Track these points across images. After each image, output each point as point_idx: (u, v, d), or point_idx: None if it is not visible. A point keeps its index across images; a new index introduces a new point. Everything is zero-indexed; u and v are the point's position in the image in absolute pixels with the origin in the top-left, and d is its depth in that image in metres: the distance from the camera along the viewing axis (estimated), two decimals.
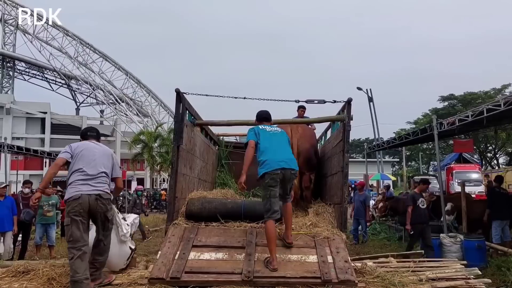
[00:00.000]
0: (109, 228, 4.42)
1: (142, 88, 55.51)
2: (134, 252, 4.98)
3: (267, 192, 4.61)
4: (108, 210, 4.34)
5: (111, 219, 4.41)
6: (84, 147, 4.47)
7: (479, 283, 4.28)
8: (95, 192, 4.22)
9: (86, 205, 4.14)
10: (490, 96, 33.75)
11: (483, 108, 8.02)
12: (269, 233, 4.46)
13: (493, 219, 8.98)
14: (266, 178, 4.61)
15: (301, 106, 8.35)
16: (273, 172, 4.61)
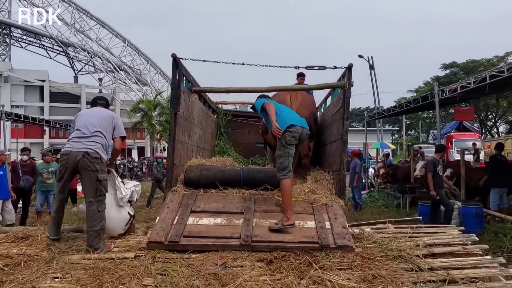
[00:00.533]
0: (101, 192, 4.33)
1: (140, 56, 54.79)
2: (133, 218, 5.00)
3: (286, 150, 4.59)
4: (97, 170, 4.28)
5: (102, 181, 4.33)
6: (86, 111, 4.74)
7: (476, 249, 4.31)
8: (83, 149, 4.27)
9: (72, 162, 4.27)
10: (492, 63, 33.32)
11: (486, 75, 7.91)
12: (288, 190, 4.51)
13: (492, 186, 9.02)
14: (287, 136, 4.57)
15: (300, 74, 8.17)
16: (294, 130, 4.61)
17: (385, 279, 3.52)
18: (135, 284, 3.49)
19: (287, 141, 4.57)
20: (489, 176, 9.15)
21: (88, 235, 4.22)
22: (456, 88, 8.84)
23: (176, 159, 5.59)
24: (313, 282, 3.51)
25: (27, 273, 3.70)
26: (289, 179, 4.57)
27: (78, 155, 4.25)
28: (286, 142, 4.57)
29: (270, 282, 3.51)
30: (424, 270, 3.71)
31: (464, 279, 3.54)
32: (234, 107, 10.79)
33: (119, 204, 4.77)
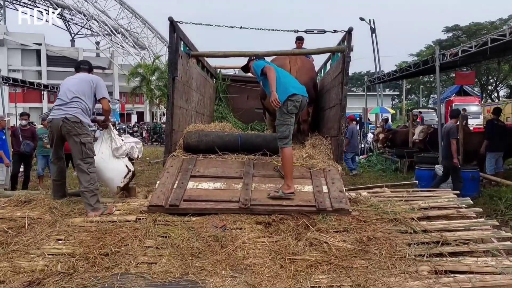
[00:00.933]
0: (87, 154, 4.46)
1: (137, 18, 53.65)
2: (132, 174, 5.18)
3: (287, 118, 4.54)
4: (78, 133, 4.41)
5: (86, 144, 4.45)
6: (67, 79, 4.78)
7: (470, 212, 4.40)
8: (63, 116, 4.41)
9: (55, 129, 4.47)
10: (496, 26, 32.68)
11: (488, 39, 7.80)
12: (289, 158, 4.51)
13: (488, 150, 9.09)
14: (289, 105, 4.51)
15: (299, 38, 8.00)
16: (296, 98, 4.55)
17: (380, 241, 3.63)
18: (137, 245, 3.60)
19: (289, 110, 4.51)
20: (488, 140, 9.18)
21: (83, 196, 4.37)
22: (457, 52, 8.72)
23: (175, 124, 5.60)
24: (310, 243, 3.62)
25: (31, 235, 3.81)
26: (290, 148, 4.56)
27: (58, 121, 4.41)
28: (288, 111, 4.51)
29: (268, 244, 3.62)
30: (418, 232, 3.80)
31: (457, 241, 3.63)
32: (233, 72, 10.68)
33: (115, 155, 4.96)
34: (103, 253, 3.45)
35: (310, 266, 3.24)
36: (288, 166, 4.48)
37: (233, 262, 3.32)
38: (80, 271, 3.19)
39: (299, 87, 4.72)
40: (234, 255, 3.43)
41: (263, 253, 3.46)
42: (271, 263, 3.31)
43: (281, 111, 4.54)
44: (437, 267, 3.19)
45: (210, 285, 2.98)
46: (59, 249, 3.56)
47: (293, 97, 4.52)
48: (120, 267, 3.26)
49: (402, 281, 3.03)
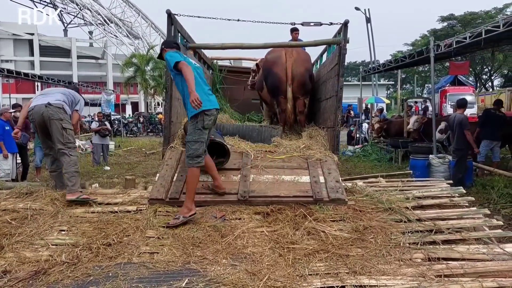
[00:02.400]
0: (69, 140, 4.61)
1: (131, 8, 53.18)
2: None
3: (202, 135, 4.02)
4: (61, 119, 4.55)
5: (68, 129, 4.60)
6: None
7: (462, 201, 4.52)
8: (46, 101, 4.58)
9: (37, 115, 4.56)
10: (490, 16, 32.72)
11: (482, 30, 7.87)
12: (195, 179, 4.05)
13: (482, 138, 9.19)
14: (205, 119, 4.00)
15: (294, 29, 8.04)
16: (211, 113, 4.08)
17: (375, 230, 3.73)
18: (138, 236, 3.68)
19: (205, 125, 4.02)
20: (480, 128, 9.29)
21: (65, 178, 4.57)
22: (451, 43, 8.80)
23: (173, 116, 5.66)
24: (308, 233, 3.72)
25: (34, 226, 3.88)
26: (199, 169, 4.08)
27: (41, 107, 4.55)
28: (204, 126, 4.02)
29: (267, 233, 3.71)
30: (413, 221, 3.92)
31: (450, 229, 3.75)
32: (229, 62, 10.70)
33: None
34: (106, 243, 3.53)
35: (308, 254, 3.34)
36: (192, 186, 4.03)
37: (233, 251, 3.41)
38: (84, 260, 3.26)
39: (213, 99, 4.22)
40: (234, 244, 3.52)
41: (262, 242, 3.55)
42: (270, 251, 3.40)
43: (195, 126, 4.02)
44: (430, 254, 3.29)
45: (212, 273, 3.06)
46: (63, 239, 3.63)
47: (209, 112, 4.06)
48: (123, 256, 3.34)
49: (396, 268, 3.13)
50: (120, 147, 16.87)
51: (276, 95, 6.93)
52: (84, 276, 3.05)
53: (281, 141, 5.83)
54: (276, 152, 5.36)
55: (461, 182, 7.20)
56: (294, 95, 6.75)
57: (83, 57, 52.43)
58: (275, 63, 6.81)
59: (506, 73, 38.77)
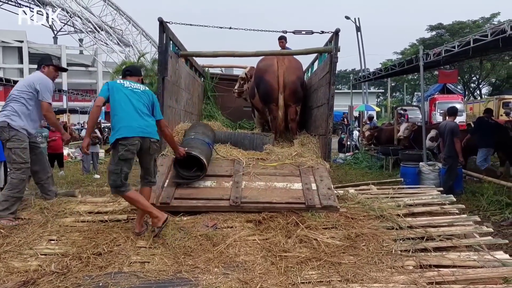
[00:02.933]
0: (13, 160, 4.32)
1: (121, 15, 53.04)
2: None
3: (118, 166, 3.76)
4: (5, 139, 4.31)
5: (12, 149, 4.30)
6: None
7: (453, 208, 4.56)
8: None
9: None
10: (478, 25, 33.27)
11: (470, 39, 7.99)
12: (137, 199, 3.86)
13: (479, 147, 9.23)
14: (120, 149, 3.75)
15: (282, 37, 7.92)
16: (128, 141, 3.77)
17: (367, 237, 3.74)
18: (129, 245, 3.65)
19: (121, 154, 3.75)
20: (472, 136, 9.33)
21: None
22: (440, 52, 8.92)
23: None
24: (300, 240, 3.72)
25: (23, 235, 3.83)
26: (131, 190, 3.87)
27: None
28: (119, 156, 3.76)
29: (259, 242, 3.70)
30: (404, 228, 3.94)
31: (440, 236, 3.78)
32: (220, 70, 10.71)
33: None
34: (96, 252, 3.49)
35: (300, 262, 3.33)
36: (141, 204, 3.84)
37: (225, 260, 3.39)
38: (73, 270, 3.22)
39: (143, 126, 3.87)
40: (226, 253, 3.50)
41: (254, 251, 3.54)
42: (262, 260, 3.39)
43: (114, 156, 3.83)
44: (422, 261, 3.31)
45: (203, 282, 3.04)
46: (52, 249, 3.59)
47: (125, 141, 3.76)
48: (114, 266, 3.30)
49: (388, 275, 3.14)
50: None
51: (268, 102, 6.95)
52: (73, 286, 3.01)
53: (273, 149, 5.83)
54: (268, 160, 5.36)
55: (451, 190, 7.26)
56: (286, 102, 6.77)
57: (73, 65, 52.13)
58: (267, 71, 6.84)
59: (494, 82, 39.34)
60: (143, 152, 3.95)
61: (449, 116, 8.39)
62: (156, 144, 4.05)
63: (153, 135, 3.97)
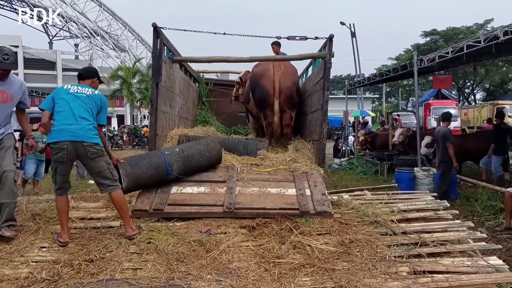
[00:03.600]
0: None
1: (117, 21, 53.14)
2: None
3: (54, 166, 3.88)
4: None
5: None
6: None
7: (447, 214, 4.56)
8: None
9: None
10: (472, 31, 33.59)
11: (463, 45, 8.05)
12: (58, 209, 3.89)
13: (495, 154, 9.21)
14: (51, 152, 3.85)
15: (274, 43, 7.75)
16: (57, 145, 3.76)
17: (361, 243, 3.72)
18: (121, 252, 3.60)
19: (54, 158, 3.83)
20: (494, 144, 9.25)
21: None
22: (434, 58, 8.98)
23: (158, 129, 5.62)
24: (294, 246, 3.69)
25: (14, 242, 3.77)
26: (61, 197, 3.91)
27: None
28: (53, 158, 3.86)
29: (253, 248, 3.67)
30: (398, 234, 3.93)
31: (434, 242, 3.76)
32: (215, 76, 10.72)
33: None
34: (88, 259, 3.44)
35: (294, 268, 3.31)
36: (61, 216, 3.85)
37: (218, 266, 3.36)
38: (65, 278, 3.18)
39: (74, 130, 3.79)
40: (219, 259, 3.47)
41: (247, 257, 3.51)
42: (255, 266, 3.36)
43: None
44: (415, 267, 3.29)
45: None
46: (43, 256, 3.54)
47: (54, 145, 3.78)
48: (105, 273, 3.26)
49: (382, 282, 3.12)
50: None
51: (263, 108, 6.95)
52: None
53: (267, 154, 5.82)
54: (262, 165, 5.34)
55: (446, 195, 7.27)
56: (281, 108, 6.78)
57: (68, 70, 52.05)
58: (263, 76, 6.85)
59: (488, 87, 39.64)
60: (82, 157, 3.88)
61: (443, 121, 8.42)
62: (95, 147, 3.84)
63: (86, 138, 3.81)
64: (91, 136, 3.85)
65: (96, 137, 3.90)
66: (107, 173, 3.93)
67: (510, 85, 36.35)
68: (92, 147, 3.83)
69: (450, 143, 7.83)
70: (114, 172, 4.02)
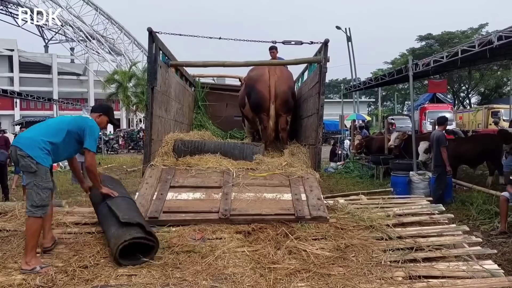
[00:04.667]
0: None
1: (113, 24, 53.02)
2: None
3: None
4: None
5: None
6: None
7: (442, 218, 4.57)
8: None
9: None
10: (467, 35, 33.82)
11: (458, 49, 8.09)
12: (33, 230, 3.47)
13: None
14: None
15: (272, 47, 7.73)
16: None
17: (357, 248, 3.73)
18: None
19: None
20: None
21: None
22: (429, 62, 9.02)
23: (154, 134, 5.61)
24: (289, 252, 3.69)
25: (7, 248, 3.75)
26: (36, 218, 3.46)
27: None
28: None
29: (248, 253, 3.66)
30: (393, 239, 3.93)
31: (430, 246, 3.77)
32: (211, 80, 10.72)
33: None
34: (82, 265, 3.41)
35: (289, 274, 3.30)
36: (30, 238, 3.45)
37: (214, 272, 3.34)
38: (59, 284, 3.15)
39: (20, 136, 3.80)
40: (214, 265, 3.45)
41: (243, 263, 3.50)
42: (251, 272, 3.35)
43: None
44: (411, 272, 3.29)
45: None
46: None
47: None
48: (100, 279, 3.23)
49: (378, 287, 3.11)
50: (100, 164, 16.59)
51: (259, 112, 6.96)
52: None
53: (263, 159, 5.82)
54: (258, 170, 5.34)
55: (441, 199, 7.28)
56: (277, 112, 6.79)
57: (64, 74, 51.91)
58: (258, 81, 6.86)
59: (483, 91, 39.85)
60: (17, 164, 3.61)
61: (439, 125, 8.45)
62: (25, 159, 3.43)
63: (22, 145, 3.48)
64: (28, 146, 3.48)
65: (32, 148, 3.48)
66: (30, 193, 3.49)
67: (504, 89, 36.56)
68: (22, 158, 3.46)
69: (443, 147, 7.84)
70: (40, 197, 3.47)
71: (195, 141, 6.25)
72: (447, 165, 7.84)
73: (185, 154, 5.84)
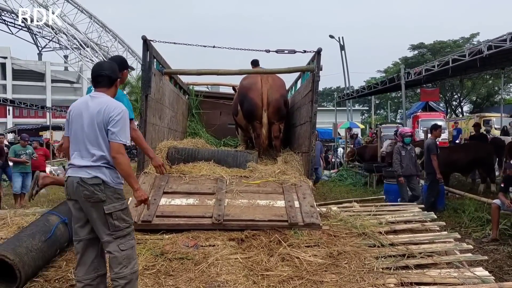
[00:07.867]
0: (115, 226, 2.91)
1: (108, 32, 53.06)
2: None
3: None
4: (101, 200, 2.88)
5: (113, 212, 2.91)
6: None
7: (434, 225, 4.60)
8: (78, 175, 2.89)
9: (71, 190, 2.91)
10: (458, 45, 34.20)
11: (449, 58, 8.21)
12: None
13: None
14: None
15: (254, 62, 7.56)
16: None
17: (349, 255, 3.74)
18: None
19: None
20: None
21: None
22: (421, 71, 9.14)
23: (147, 141, 5.61)
24: (282, 259, 3.70)
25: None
26: None
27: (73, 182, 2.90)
28: None
29: (241, 260, 3.67)
30: (386, 246, 3.96)
31: (422, 254, 3.80)
32: (205, 88, 10.75)
33: None
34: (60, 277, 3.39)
35: (282, 281, 3.31)
36: None
37: (207, 279, 3.34)
38: None
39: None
40: (208, 272, 3.46)
41: (236, 270, 3.50)
42: (244, 279, 3.35)
43: None
44: (403, 279, 3.31)
45: None
46: None
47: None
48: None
49: None
50: None
51: (252, 120, 6.99)
52: None
53: (256, 166, 5.84)
54: (252, 177, 5.36)
55: (433, 206, 7.33)
56: (270, 120, 6.83)
57: (57, 81, 51.82)
58: (251, 89, 6.90)
59: (474, 100, 40.22)
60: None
61: (431, 133, 8.54)
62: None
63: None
64: None
65: None
66: None
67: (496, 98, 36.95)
68: None
69: (434, 154, 7.92)
70: None
71: (189, 149, 6.26)
72: (437, 172, 7.91)
73: (178, 162, 5.85)
